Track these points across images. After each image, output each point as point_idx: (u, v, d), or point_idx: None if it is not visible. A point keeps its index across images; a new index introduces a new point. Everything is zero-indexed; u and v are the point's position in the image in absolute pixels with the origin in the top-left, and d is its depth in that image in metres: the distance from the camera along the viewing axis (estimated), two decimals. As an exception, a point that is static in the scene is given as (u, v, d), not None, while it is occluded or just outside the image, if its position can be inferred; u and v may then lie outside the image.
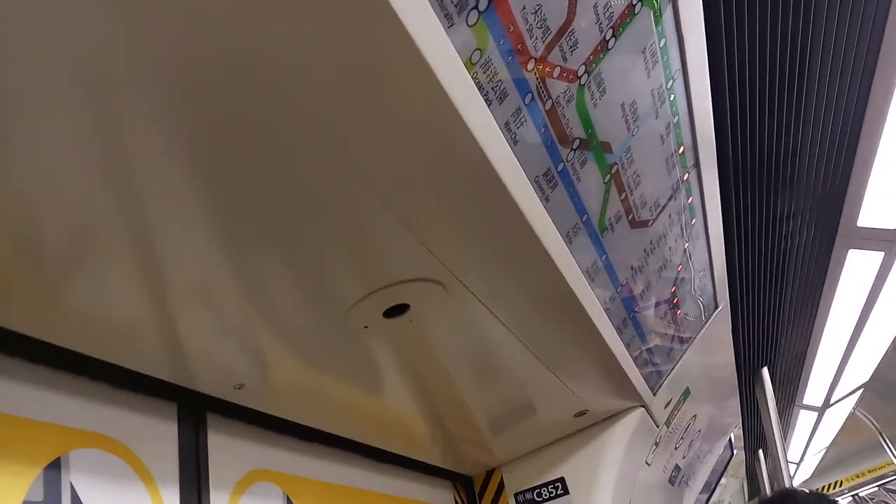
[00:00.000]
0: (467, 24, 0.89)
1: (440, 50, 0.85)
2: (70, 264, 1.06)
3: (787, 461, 4.90)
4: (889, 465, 9.53)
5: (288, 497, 1.74)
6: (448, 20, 0.85)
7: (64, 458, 1.20)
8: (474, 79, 0.94)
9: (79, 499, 1.19)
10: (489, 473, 2.80)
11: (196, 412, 1.53)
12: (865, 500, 10.34)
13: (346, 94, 0.86)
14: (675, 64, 1.39)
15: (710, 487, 5.59)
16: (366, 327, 1.41)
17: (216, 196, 1.01)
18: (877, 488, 10.49)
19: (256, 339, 1.40)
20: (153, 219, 1.02)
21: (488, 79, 0.97)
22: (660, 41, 1.29)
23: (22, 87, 0.77)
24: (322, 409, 1.81)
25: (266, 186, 1.00)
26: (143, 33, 0.73)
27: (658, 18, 1.25)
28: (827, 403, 6.34)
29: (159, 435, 1.43)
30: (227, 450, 1.59)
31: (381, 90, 0.87)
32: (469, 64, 0.92)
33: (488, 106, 0.99)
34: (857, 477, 10.76)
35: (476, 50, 0.92)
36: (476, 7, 0.88)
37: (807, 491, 1.13)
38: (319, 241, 1.16)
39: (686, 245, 2.05)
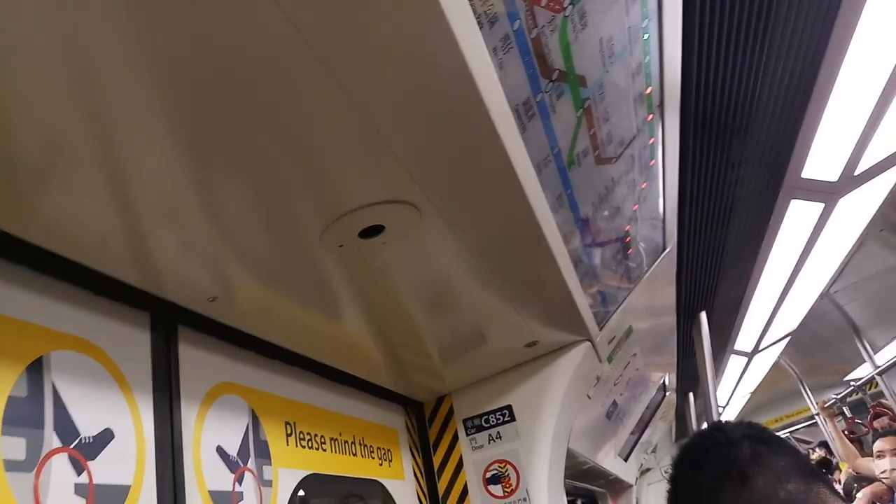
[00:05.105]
0: (467, -54, 0.91)
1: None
2: (40, 169, 1.05)
3: (717, 403, 5.17)
4: (806, 410, 10.14)
5: (252, 410, 1.79)
6: (450, -58, 0.87)
7: (45, 357, 1.21)
8: (470, 1, 0.96)
9: (60, 398, 1.21)
10: (440, 400, 2.89)
11: (168, 323, 1.55)
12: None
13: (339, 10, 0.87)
14: (652, 4, 1.43)
15: (640, 428, 5.88)
16: (341, 246, 1.44)
17: (182, 108, 0.99)
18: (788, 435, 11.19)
19: (230, 252, 1.41)
20: (118, 130, 1.00)
21: (482, 2, 0.99)
22: (640, -21, 1.33)
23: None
24: (290, 327, 1.84)
25: (238, 98, 0.99)
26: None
27: (640, -44, 1.28)
28: (756, 349, 6.66)
29: (133, 343, 1.45)
30: (197, 361, 1.62)
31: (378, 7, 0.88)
32: (466, -15, 0.94)
33: (480, 29, 1.01)
34: (777, 421, 11.45)
35: (473, -28, 0.94)
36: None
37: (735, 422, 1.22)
38: (300, 159, 1.16)
39: (643, 185, 2.13)
